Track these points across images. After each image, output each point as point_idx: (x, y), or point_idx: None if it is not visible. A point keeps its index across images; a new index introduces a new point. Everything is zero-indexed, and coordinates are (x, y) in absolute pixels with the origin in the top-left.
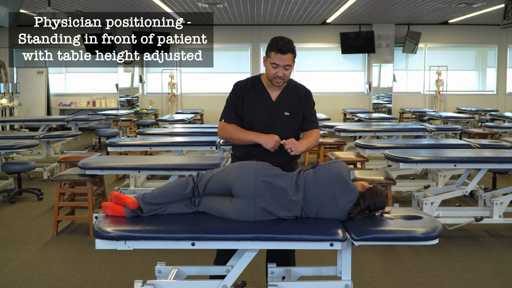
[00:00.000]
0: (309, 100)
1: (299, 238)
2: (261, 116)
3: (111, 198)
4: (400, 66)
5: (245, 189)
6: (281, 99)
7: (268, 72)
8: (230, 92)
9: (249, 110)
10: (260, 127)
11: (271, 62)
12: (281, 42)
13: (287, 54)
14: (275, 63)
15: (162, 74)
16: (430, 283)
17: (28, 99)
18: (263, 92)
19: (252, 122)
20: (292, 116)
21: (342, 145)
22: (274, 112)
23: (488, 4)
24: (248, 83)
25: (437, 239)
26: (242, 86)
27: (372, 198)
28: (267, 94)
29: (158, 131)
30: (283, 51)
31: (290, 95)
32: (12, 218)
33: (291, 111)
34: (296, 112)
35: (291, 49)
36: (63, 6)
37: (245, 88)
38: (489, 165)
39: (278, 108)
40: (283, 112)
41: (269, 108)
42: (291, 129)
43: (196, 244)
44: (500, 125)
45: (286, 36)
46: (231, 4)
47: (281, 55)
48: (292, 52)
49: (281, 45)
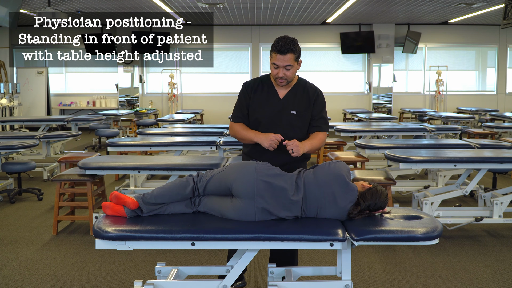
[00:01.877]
0: (318, 101)
1: (299, 238)
2: (267, 113)
3: (111, 198)
4: (400, 66)
5: (245, 189)
6: (289, 98)
7: (271, 72)
8: (239, 92)
9: (256, 107)
10: (267, 124)
11: (272, 62)
12: (281, 42)
13: (287, 55)
14: (275, 64)
15: (162, 74)
16: (430, 283)
17: (28, 99)
18: (271, 90)
19: (259, 119)
20: (298, 114)
21: (342, 145)
22: (280, 110)
23: (488, 4)
24: (256, 82)
25: (437, 239)
26: (249, 85)
27: (372, 198)
28: (275, 92)
29: (158, 131)
30: (282, 51)
31: (299, 94)
32: (12, 218)
33: (298, 109)
34: (303, 111)
35: (291, 49)
36: (63, 6)
37: (253, 86)
38: (489, 165)
39: (285, 106)
40: (290, 110)
41: (276, 106)
42: (297, 127)
43: (196, 244)
44: (500, 125)
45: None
46: (231, 4)
47: (281, 56)
48: (293, 52)
49: (280, 46)
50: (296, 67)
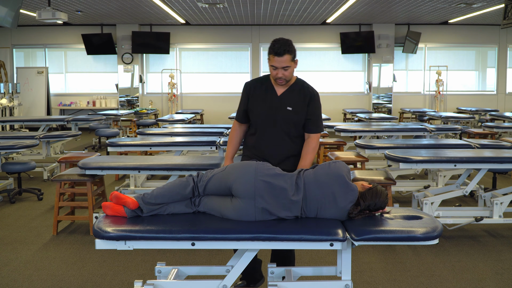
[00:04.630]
0: (312, 101)
1: (299, 238)
2: (265, 108)
3: (111, 198)
4: (400, 66)
5: (245, 189)
6: (286, 95)
7: (270, 73)
8: (242, 91)
9: (255, 104)
10: (264, 119)
11: (270, 64)
12: (277, 45)
13: (284, 56)
14: (273, 66)
15: (162, 74)
16: (430, 283)
17: (28, 99)
18: (269, 88)
19: (258, 115)
20: (294, 111)
21: (342, 145)
22: (277, 106)
23: (488, 4)
24: (257, 81)
25: (437, 239)
26: (250, 84)
27: (372, 198)
28: (273, 90)
29: (158, 131)
30: (279, 53)
31: (296, 93)
32: (12, 218)
33: (293, 106)
34: (299, 109)
35: (287, 51)
36: (63, 6)
37: (252, 85)
38: (489, 165)
39: (282, 103)
40: (286, 106)
41: (273, 102)
42: (293, 122)
43: (196, 244)
44: (500, 125)
45: (286, 36)
46: (231, 4)
47: (278, 58)
48: (289, 53)
49: (277, 48)
50: (293, 66)
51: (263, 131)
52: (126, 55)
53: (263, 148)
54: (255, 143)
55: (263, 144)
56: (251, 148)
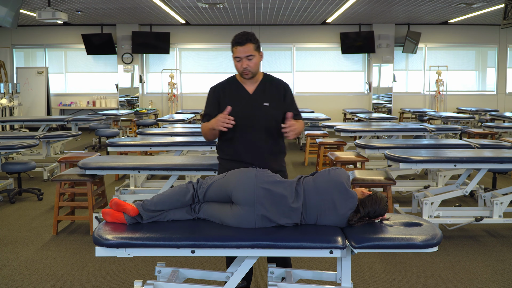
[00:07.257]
0: (287, 93)
1: (299, 246)
2: (240, 108)
3: (111, 205)
4: (400, 66)
5: (245, 196)
6: (259, 92)
7: (236, 67)
8: (207, 97)
9: (227, 105)
10: (242, 119)
11: (234, 57)
12: (239, 35)
13: (246, 45)
14: (237, 57)
15: (162, 74)
16: (430, 283)
17: (28, 99)
18: (239, 88)
19: (233, 115)
20: (272, 106)
21: (342, 145)
22: (252, 104)
23: (488, 4)
24: (222, 84)
25: (437, 246)
26: (217, 87)
27: (371, 205)
28: (243, 89)
29: (158, 131)
30: (240, 42)
31: (268, 88)
32: (12, 218)
33: (270, 102)
34: (276, 103)
35: (249, 39)
36: (63, 6)
37: (220, 88)
38: (489, 165)
39: (256, 100)
40: (262, 103)
41: (247, 101)
42: (273, 118)
43: (196, 252)
44: (500, 125)
45: (286, 36)
46: (231, 4)
47: (240, 47)
48: (252, 42)
49: (238, 38)
50: (258, 58)
51: (243, 132)
52: (126, 55)
53: (244, 152)
54: (236, 148)
55: (243, 147)
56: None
